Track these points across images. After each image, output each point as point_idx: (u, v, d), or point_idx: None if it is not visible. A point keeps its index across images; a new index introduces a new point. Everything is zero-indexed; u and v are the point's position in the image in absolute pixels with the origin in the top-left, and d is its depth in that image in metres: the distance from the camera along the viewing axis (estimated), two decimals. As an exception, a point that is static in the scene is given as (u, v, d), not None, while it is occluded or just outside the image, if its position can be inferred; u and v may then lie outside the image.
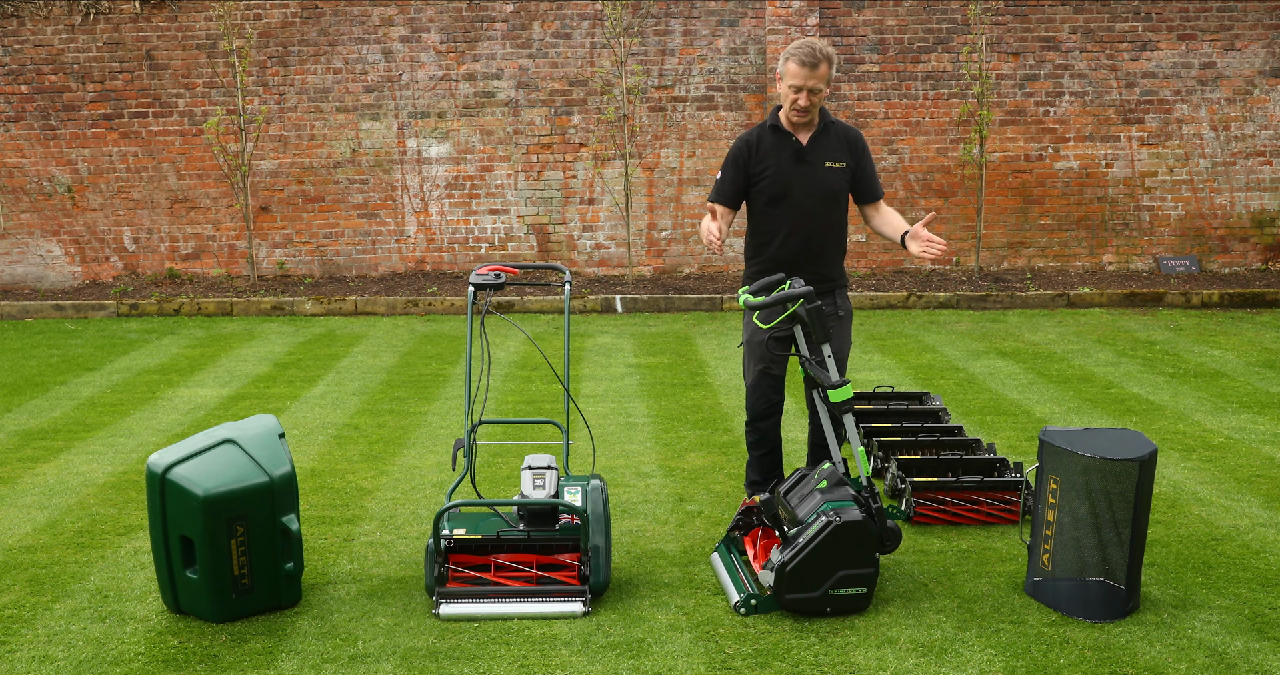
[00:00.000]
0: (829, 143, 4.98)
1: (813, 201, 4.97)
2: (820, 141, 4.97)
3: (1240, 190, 12.50)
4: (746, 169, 5.02)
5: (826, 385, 4.39)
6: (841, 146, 4.98)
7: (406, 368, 8.82)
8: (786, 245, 4.99)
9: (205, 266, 12.60)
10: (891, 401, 6.75)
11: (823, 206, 4.98)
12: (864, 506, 4.25)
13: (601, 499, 4.51)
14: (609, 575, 4.38)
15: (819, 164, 4.96)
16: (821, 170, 4.97)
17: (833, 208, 5.01)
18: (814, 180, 4.97)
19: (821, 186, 4.97)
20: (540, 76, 12.33)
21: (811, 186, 4.97)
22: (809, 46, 4.76)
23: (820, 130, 4.98)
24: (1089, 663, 3.84)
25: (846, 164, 4.99)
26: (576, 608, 4.22)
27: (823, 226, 5.00)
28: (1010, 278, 12.16)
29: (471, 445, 4.69)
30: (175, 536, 4.17)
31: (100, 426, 7.12)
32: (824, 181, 4.97)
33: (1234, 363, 8.73)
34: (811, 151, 4.97)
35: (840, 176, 5.00)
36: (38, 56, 12.29)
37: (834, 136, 4.99)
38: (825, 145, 4.97)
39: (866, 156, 5.04)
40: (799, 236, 4.98)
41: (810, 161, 4.96)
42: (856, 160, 5.01)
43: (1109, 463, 4.13)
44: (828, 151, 4.97)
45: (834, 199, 5.00)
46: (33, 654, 3.98)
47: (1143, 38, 12.27)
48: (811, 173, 4.96)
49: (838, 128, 5.02)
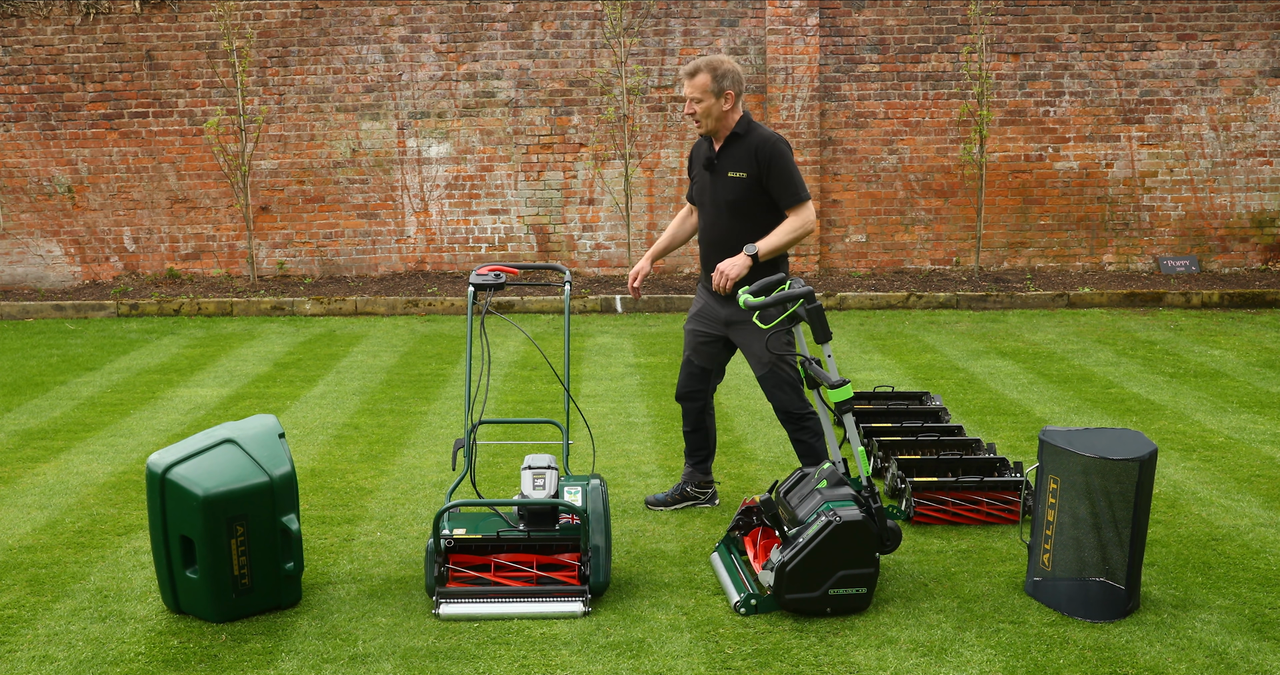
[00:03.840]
0: (735, 152, 5.03)
1: (715, 209, 5.11)
2: (728, 150, 5.05)
3: (1240, 190, 12.50)
4: (690, 170, 5.32)
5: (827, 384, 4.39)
6: (747, 156, 4.99)
7: (406, 368, 8.82)
8: (701, 249, 5.22)
9: (205, 266, 12.60)
10: (891, 401, 6.75)
11: (727, 215, 5.06)
12: (864, 506, 4.26)
13: (601, 499, 4.51)
14: (609, 575, 4.38)
15: (723, 173, 5.06)
16: (723, 179, 5.05)
17: (738, 217, 5.03)
18: (717, 188, 5.09)
19: (720, 195, 5.07)
20: (540, 76, 12.33)
21: (715, 195, 5.09)
22: (695, 60, 5.03)
23: (730, 139, 5.04)
24: (1089, 663, 3.84)
25: (748, 174, 4.98)
26: (576, 608, 4.22)
27: (726, 233, 5.06)
28: (1010, 278, 12.16)
29: (471, 445, 4.70)
30: (175, 536, 4.17)
31: (100, 426, 7.12)
32: (723, 191, 5.06)
33: (1234, 363, 8.73)
34: (720, 159, 5.08)
35: (740, 186, 5.01)
36: (38, 56, 12.29)
37: (743, 146, 5.01)
38: (732, 154, 5.04)
39: (776, 167, 4.95)
40: (705, 242, 5.19)
41: (717, 170, 5.08)
42: (761, 170, 4.97)
43: (1109, 463, 4.13)
44: (732, 161, 5.03)
45: (735, 208, 5.03)
46: (33, 654, 3.98)
47: (1143, 38, 12.27)
48: (716, 181, 5.09)
49: (753, 137, 5.01)
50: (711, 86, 4.92)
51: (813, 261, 12.37)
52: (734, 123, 5.03)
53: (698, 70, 4.94)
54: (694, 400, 5.36)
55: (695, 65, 4.96)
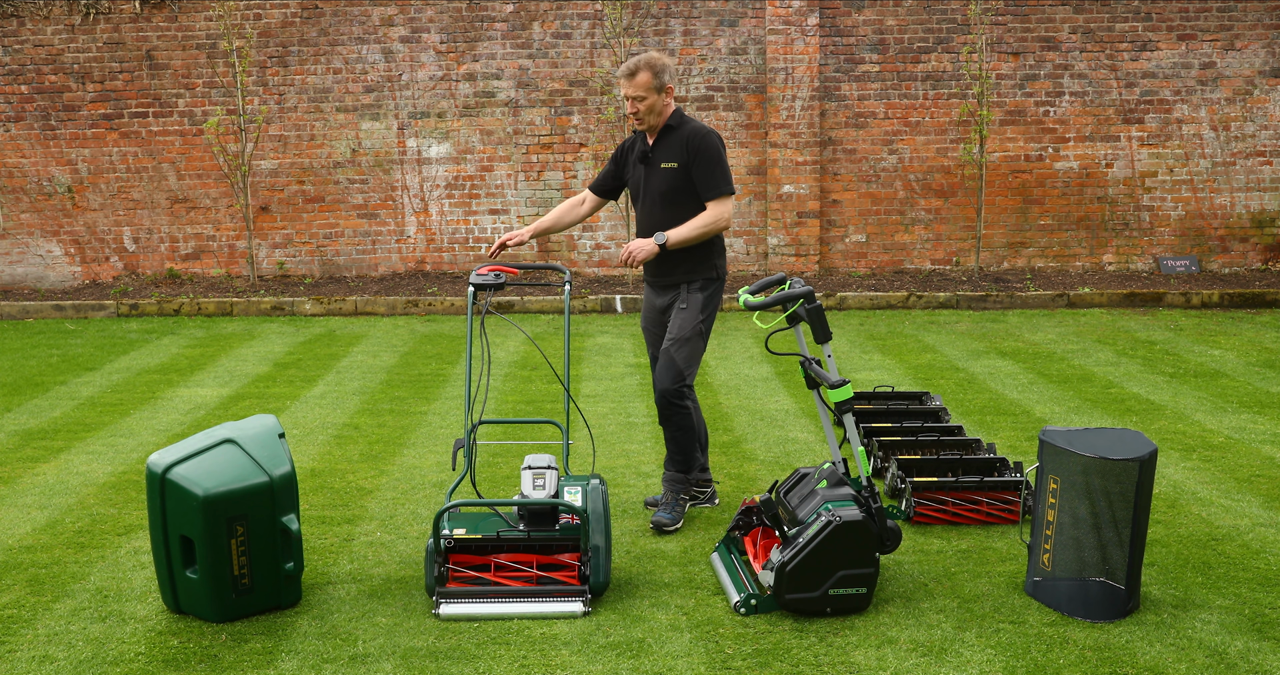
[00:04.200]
0: (668, 143, 5.18)
1: (651, 201, 5.24)
2: (662, 142, 5.20)
3: (1240, 190, 12.50)
4: (622, 166, 5.40)
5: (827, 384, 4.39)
6: (678, 147, 5.14)
7: (406, 368, 8.82)
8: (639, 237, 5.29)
9: (205, 266, 12.60)
10: (891, 401, 6.75)
11: (660, 206, 5.20)
12: (864, 506, 4.26)
13: (601, 499, 4.51)
14: (609, 575, 4.38)
15: (656, 164, 5.20)
16: (657, 171, 5.19)
17: (670, 207, 5.17)
18: (652, 180, 5.22)
19: (656, 186, 5.20)
20: (540, 76, 12.33)
21: (651, 186, 5.23)
22: (631, 60, 5.14)
23: (664, 132, 5.19)
24: (1089, 663, 3.84)
25: (680, 163, 5.13)
26: (576, 608, 4.22)
27: (660, 223, 5.18)
28: (1010, 278, 12.16)
29: (471, 445, 4.70)
30: (175, 536, 4.17)
31: (100, 426, 7.12)
32: (658, 182, 5.19)
33: (1234, 363, 8.73)
34: (654, 151, 5.21)
35: (672, 176, 5.16)
36: (38, 56, 12.29)
37: (675, 138, 5.17)
38: (665, 146, 5.18)
39: (703, 157, 5.10)
40: (641, 231, 5.29)
41: (652, 162, 5.21)
42: (690, 160, 5.11)
43: (1109, 463, 4.13)
44: (666, 152, 5.18)
45: (668, 198, 5.17)
46: (33, 654, 3.98)
47: (1143, 38, 12.27)
48: (651, 173, 5.22)
49: (685, 129, 5.18)
50: (654, 83, 5.06)
51: (813, 261, 12.38)
52: (669, 115, 5.18)
53: (638, 69, 5.05)
54: None
55: (634, 65, 5.07)
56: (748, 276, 12.37)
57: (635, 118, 5.15)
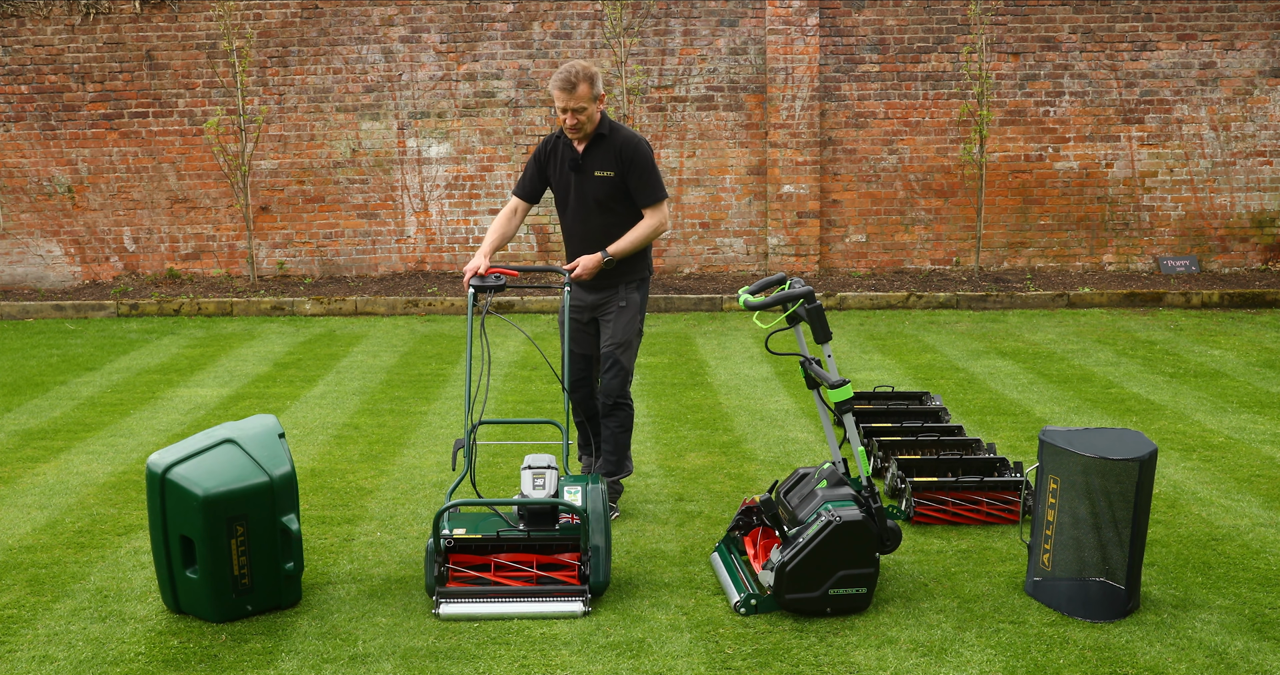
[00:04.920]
0: (600, 152, 5.22)
1: (585, 209, 5.29)
2: (593, 151, 5.24)
3: (1240, 190, 12.50)
4: (544, 169, 5.40)
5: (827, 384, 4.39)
6: (611, 156, 5.20)
7: (406, 368, 8.82)
8: (570, 245, 5.37)
9: (205, 266, 12.60)
10: (891, 401, 6.75)
11: (594, 213, 5.27)
12: (864, 506, 4.26)
13: (601, 499, 4.51)
14: (609, 575, 4.38)
15: (590, 173, 5.24)
16: (591, 179, 5.24)
17: (605, 214, 5.26)
18: (585, 188, 5.26)
19: (590, 194, 5.25)
20: (540, 76, 12.33)
21: (584, 194, 5.27)
22: (566, 71, 5.08)
23: (594, 140, 5.22)
24: (1089, 663, 3.84)
25: (615, 173, 5.20)
26: (576, 607, 4.22)
27: (597, 229, 5.26)
28: (1010, 278, 12.16)
29: (471, 445, 4.70)
30: (175, 536, 4.17)
31: (100, 426, 7.12)
32: (593, 189, 5.25)
33: (1234, 363, 8.73)
34: (585, 160, 5.24)
35: (608, 185, 5.22)
36: (38, 56, 12.29)
37: (607, 147, 5.21)
38: (597, 155, 5.23)
39: (637, 166, 5.19)
40: (576, 239, 5.34)
41: (584, 170, 5.24)
42: (624, 168, 5.19)
43: (1109, 463, 4.13)
44: (599, 161, 5.22)
45: (603, 206, 5.26)
46: (33, 654, 3.98)
47: (1143, 38, 12.27)
48: (584, 181, 5.26)
49: (616, 138, 5.22)
50: (591, 93, 5.09)
51: (813, 261, 12.38)
52: (597, 123, 5.21)
53: (576, 82, 5.04)
54: (580, 389, 5.50)
55: (571, 77, 5.04)
56: (748, 276, 12.38)
57: (571, 130, 5.16)
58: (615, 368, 5.30)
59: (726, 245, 12.54)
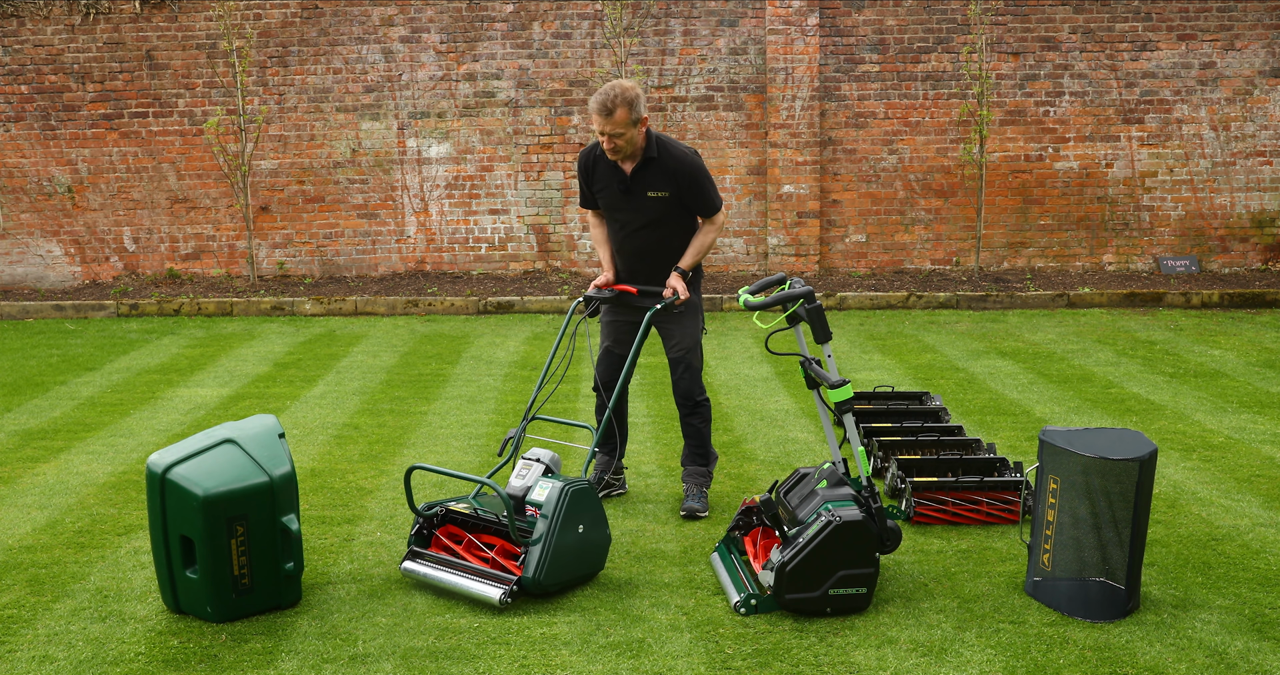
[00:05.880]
0: (652, 174, 5.18)
1: (636, 225, 5.30)
2: (643, 173, 5.20)
3: (1240, 190, 12.50)
4: (589, 183, 5.41)
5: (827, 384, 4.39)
6: (664, 177, 5.16)
7: (406, 368, 8.82)
8: (621, 256, 5.42)
9: (205, 266, 12.60)
10: (891, 401, 6.75)
11: (647, 230, 5.29)
12: (864, 506, 4.26)
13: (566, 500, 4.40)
14: (558, 579, 4.34)
15: (641, 194, 5.21)
16: (643, 200, 5.22)
17: (658, 229, 5.29)
18: (638, 209, 5.25)
19: (644, 215, 5.26)
20: (540, 76, 12.33)
21: (637, 214, 5.27)
22: (605, 95, 4.97)
23: (643, 162, 5.17)
24: (1089, 663, 3.84)
25: (670, 193, 5.19)
26: (494, 594, 4.27)
27: (653, 244, 5.30)
28: (1010, 278, 12.16)
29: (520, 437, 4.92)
30: (175, 536, 4.17)
31: (100, 426, 7.12)
32: (646, 210, 5.25)
33: (1234, 363, 8.73)
34: (635, 182, 5.21)
35: (662, 204, 5.22)
36: (38, 56, 12.29)
37: (658, 167, 5.16)
38: (648, 176, 5.19)
39: (695, 182, 5.18)
40: (627, 252, 5.37)
41: (635, 192, 5.21)
42: (681, 187, 5.18)
43: (1109, 463, 4.13)
44: (651, 182, 5.19)
45: (657, 223, 5.28)
46: (33, 654, 3.98)
47: (1143, 38, 12.27)
48: (635, 202, 5.24)
49: (668, 159, 5.16)
50: (630, 117, 4.99)
51: (813, 261, 12.38)
52: (643, 144, 5.14)
53: (614, 106, 4.93)
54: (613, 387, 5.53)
55: (609, 102, 4.93)
56: (748, 276, 12.37)
57: (612, 153, 5.08)
58: (688, 372, 5.37)
59: (726, 245, 12.54)
